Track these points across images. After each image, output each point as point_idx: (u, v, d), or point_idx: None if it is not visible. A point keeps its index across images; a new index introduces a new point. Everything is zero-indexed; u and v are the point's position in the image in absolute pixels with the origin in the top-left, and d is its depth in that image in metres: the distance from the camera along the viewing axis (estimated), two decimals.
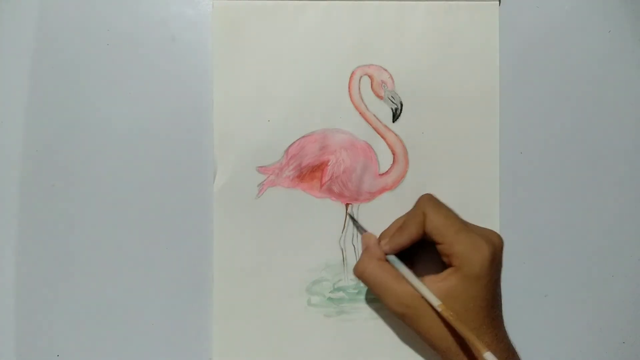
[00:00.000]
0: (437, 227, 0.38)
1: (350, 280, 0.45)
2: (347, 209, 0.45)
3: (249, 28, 0.45)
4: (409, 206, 0.43)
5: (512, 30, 0.45)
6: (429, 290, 0.37)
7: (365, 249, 0.42)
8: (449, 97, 0.45)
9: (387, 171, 0.45)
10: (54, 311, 0.44)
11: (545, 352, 0.46)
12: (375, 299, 0.45)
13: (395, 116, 0.45)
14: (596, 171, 0.46)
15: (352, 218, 0.45)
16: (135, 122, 0.45)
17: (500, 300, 0.40)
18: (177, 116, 0.45)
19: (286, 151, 0.45)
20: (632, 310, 0.46)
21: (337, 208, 0.45)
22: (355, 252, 0.45)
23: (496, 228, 0.45)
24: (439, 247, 0.39)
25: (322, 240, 0.45)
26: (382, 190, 0.45)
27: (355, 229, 0.45)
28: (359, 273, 0.41)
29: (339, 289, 0.45)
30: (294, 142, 0.45)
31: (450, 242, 0.38)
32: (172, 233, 0.45)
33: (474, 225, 0.41)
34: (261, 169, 0.45)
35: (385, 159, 0.45)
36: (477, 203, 0.45)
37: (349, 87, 0.45)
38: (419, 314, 0.38)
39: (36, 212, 0.44)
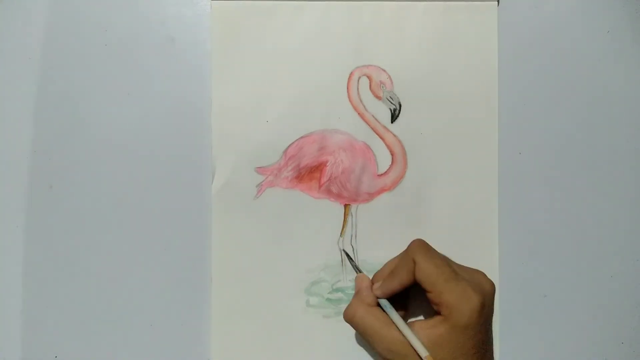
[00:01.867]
0: (426, 275, 0.38)
1: (349, 281, 0.45)
2: (347, 210, 0.45)
3: (247, 28, 0.45)
4: (407, 206, 0.43)
5: (511, 31, 0.45)
6: (417, 338, 0.37)
7: (357, 292, 0.42)
8: (448, 98, 0.45)
9: (385, 172, 0.45)
10: (52, 312, 0.44)
11: (545, 352, 0.45)
12: None
13: (394, 117, 0.45)
14: (595, 171, 0.46)
15: (347, 255, 0.45)
16: (134, 123, 0.45)
17: (492, 346, 0.39)
18: (176, 117, 0.45)
19: (285, 152, 0.45)
20: (631, 311, 0.46)
21: (335, 209, 0.45)
22: (354, 252, 0.45)
23: (495, 228, 0.45)
24: (428, 295, 0.38)
25: (321, 241, 0.45)
26: (381, 190, 0.45)
27: (356, 228, 0.45)
28: (349, 317, 0.40)
29: (337, 290, 0.45)
30: (293, 143, 0.45)
31: (439, 291, 0.37)
32: (171, 234, 0.45)
33: (466, 268, 0.40)
34: (260, 170, 0.45)
35: (383, 160, 0.45)
36: (476, 203, 0.45)
37: (347, 88, 0.45)
38: None
39: (34, 213, 0.44)
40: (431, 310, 0.39)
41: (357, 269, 0.44)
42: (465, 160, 0.45)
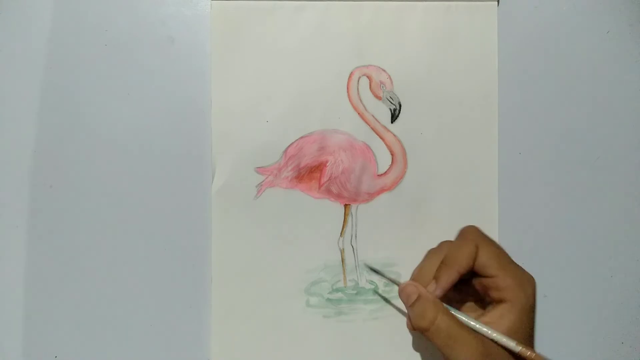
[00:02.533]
0: (491, 258, 0.37)
1: (348, 281, 0.45)
2: (347, 211, 0.45)
3: (247, 28, 0.45)
4: (407, 206, 0.43)
5: (511, 31, 0.45)
6: (501, 334, 0.35)
7: (418, 299, 0.37)
8: (448, 98, 0.45)
9: (385, 172, 0.45)
10: (52, 312, 0.44)
11: (545, 352, 0.45)
12: (373, 300, 0.45)
13: (394, 117, 0.45)
14: (595, 171, 0.46)
15: (376, 271, 0.44)
16: (133, 123, 0.45)
17: None
18: (176, 117, 0.45)
19: (285, 152, 0.45)
20: (632, 311, 0.46)
21: (335, 209, 0.45)
22: (354, 252, 0.45)
23: (495, 228, 0.45)
24: (487, 281, 0.37)
25: (321, 241, 0.45)
26: (381, 190, 0.45)
27: (356, 228, 0.45)
28: (427, 325, 0.35)
29: (337, 290, 0.45)
30: (293, 143, 0.45)
31: (504, 274, 0.37)
32: (171, 234, 0.45)
33: None
34: (260, 170, 0.45)
35: (383, 160, 0.45)
36: (476, 204, 0.45)
37: (347, 88, 0.45)
38: None
39: (33, 213, 0.44)
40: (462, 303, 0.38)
41: (393, 281, 0.42)
42: (465, 160, 0.45)
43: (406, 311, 0.39)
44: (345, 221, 0.45)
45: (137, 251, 0.44)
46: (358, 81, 0.45)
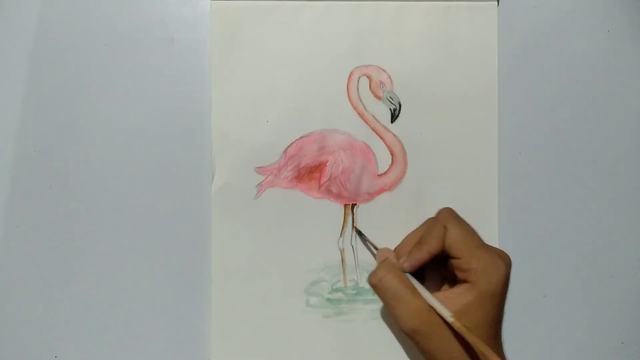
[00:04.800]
0: (457, 241, 0.38)
1: (348, 281, 0.45)
2: (353, 210, 0.45)
3: (247, 28, 0.45)
4: (407, 207, 0.43)
5: (511, 31, 0.45)
6: (441, 304, 0.37)
7: (384, 260, 0.41)
8: (448, 98, 0.45)
9: (385, 172, 0.45)
10: (52, 312, 0.44)
11: (545, 352, 0.45)
12: (373, 300, 0.45)
13: (394, 117, 0.45)
14: (595, 171, 0.46)
15: (360, 234, 0.45)
16: (134, 123, 0.45)
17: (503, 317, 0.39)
18: (176, 117, 0.45)
19: (285, 152, 0.45)
20: (631, 311, 0.46)
21: (335, 209, 0.45)
22: (354, 252, 0.45)
23: (495, 228, 0.45)
24: (455, 262, 0.38)
25: (321, 241, 0.45)
26: (381, 190, 0.45)
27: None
28: (376, 281, 0.39)
29: (337, 290, 0.45)
30: (293, 143, 0.45)
31: (469, 257, 0.37)
32: (171, 234, 0.45)
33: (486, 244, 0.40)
34: (259, 170, 0.45)
35: (383, 160, 0.45)
36: (476, 203, 0.45)
37: (347, 88, 0.45)
38: (431, 331, 0.37)
39: (33, 213, 0.44)
40: (446, 285, 0.39)
41: (374, 246, 0.44)
42: (465, 160, 0.45)
43: None
44: (345, 221, 0.45)
45: (137, 251, 0.44)
46: (358, 81, 0.45)
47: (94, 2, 0.45)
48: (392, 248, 0.43)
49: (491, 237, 0.45)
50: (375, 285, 0.39)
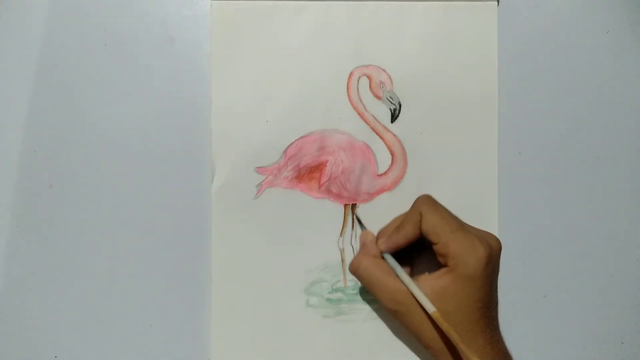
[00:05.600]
0: (433, 226, 0.38)
1: (348, 281, 0.45)
2: (353, 210, 0.45)
3: (247, 28, 0.45)
4: (407, 207, 0.43)
5: (511, 31, 0.45)
6: (422, 293, 0.37)
7: (362, 246, 0.43)
8: (448, 98, 0.45)
9: (385, 172, 0.45)
10: (52, 312, 0.44)
11: (544, 352, 0.45)
12: (374, 299, 0.45)
13: (394, 117, 0.45)
14: (595, 171, 0.46)
15: (354, 215, 0.45)
16: (133, 123, 0.45)
17: (497, 304, 0.40)
18: (176, 117, 0.45)
19: (284, 152, 0.45)
20: (631, 311, 0.46)
21: (335, 209, 0.45)
22: (354, 252, 0.45)
23: (495, 228, 0.45)
24: (434, 247, 0.39)
25: (321, 241, 0.45)
26: (381, 190, 0.45)
27: (356, 228, 0.45)
28: (354, 269, 0.41)
29: (337, 290, 0.45)
30: (293, 143, 0.45)
31: (445, 241, 0.38)
32: (171, 234, 0.45)
33: (473, 227, 0.40)
34: (259, 170, 0.45)
35: (383, 160, 0.45)
36: (476, 203, 0.45)
37: (347, 88, 0.45)
38: (411, 311, 0.38)
39: (33, 213, 0.44)
40: (437, 268, 0.39)
41: (363, 226, 0.44)
42: (465, 160, 0.45)
43: None
44: (345, 221, 0.45)
45: (137, 251, 0.44)
46: (358, 81, 0.45)
47: (93, 2, 0.45)
48: None
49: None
50: (354, 273, 0.41)
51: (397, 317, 0.39)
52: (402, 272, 0.39)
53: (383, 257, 0.41)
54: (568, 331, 0.46)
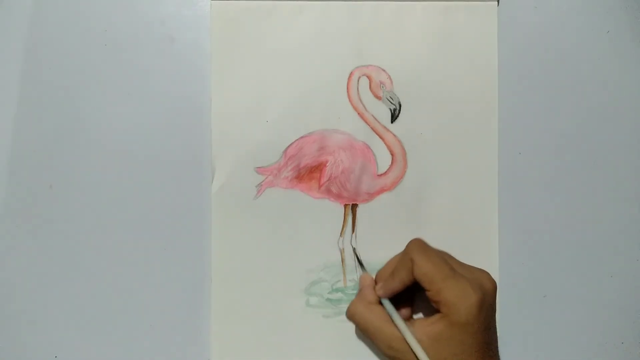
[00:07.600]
0: (424, 274, 0.38)
1: (348, 281, 0.45)
2: (353, 210, 0.45)
3: (247, 28, 0.45)
4: (407, 206, 0.43)
5: (511, 31, 0.45)
6: (416, 341, 0.37)
7: (360, 291, 0.42)
8: (448, 98, 0.45)
9: (385, 172, 0.45)
10: (52, 312, 0.44)
11: (544, 352, 0.45)
12: None
13: (394, 117, 0.45)
14: (595, 171, 0.46)
15: (355, 254, 0.45)
16: (133, 123, 0.45)
17: (496, 346, 0.39)
18: (175, 117, 0.45)
19: (284, 152, 0.45)
20: (631, 311, 0.46)
21: (335, 209, 0.45)
22: (354, 252, 0.45)
23: (495, 228, 0.45)
24: (427, 293, 0.38)
25: (321, 241, 0.45)
26: (381, 190, 0.45)
27: (356, 229, 0.45)
28: (350, 315, 0.41)
29: (337, 290, 0.45)
30: (293, 143, 0.45)
31: (437, 289, 0.38)
32: (170, 234, 0.45)
33: (466, 267, 0.40)
34: (259, 170, 0.45)
35: (383, 160, 0.45)
36: (476, 204, 0.45)
37: (347, 88, 0.45)
38: (407, 358, 0.38)
39: (33, 213, 0.44)
40: (436, 309, 0.39)
41: (363, 268, 0.44)
42: (465, 160, 0.45)
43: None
44: (345, 221, 0.45)
45: (137, 251, 0.44)
46: (358, 81, 0.45)
47: (93, 2, 0.45)
48: (392, 248, 0.43)
49: (491, 237, 0.45)
50: (350, 319, 0.42)
51: None
52: (399, 319, 0.39)
53: (381, 302, 0.41)
54: (568, 331, 0.46)
